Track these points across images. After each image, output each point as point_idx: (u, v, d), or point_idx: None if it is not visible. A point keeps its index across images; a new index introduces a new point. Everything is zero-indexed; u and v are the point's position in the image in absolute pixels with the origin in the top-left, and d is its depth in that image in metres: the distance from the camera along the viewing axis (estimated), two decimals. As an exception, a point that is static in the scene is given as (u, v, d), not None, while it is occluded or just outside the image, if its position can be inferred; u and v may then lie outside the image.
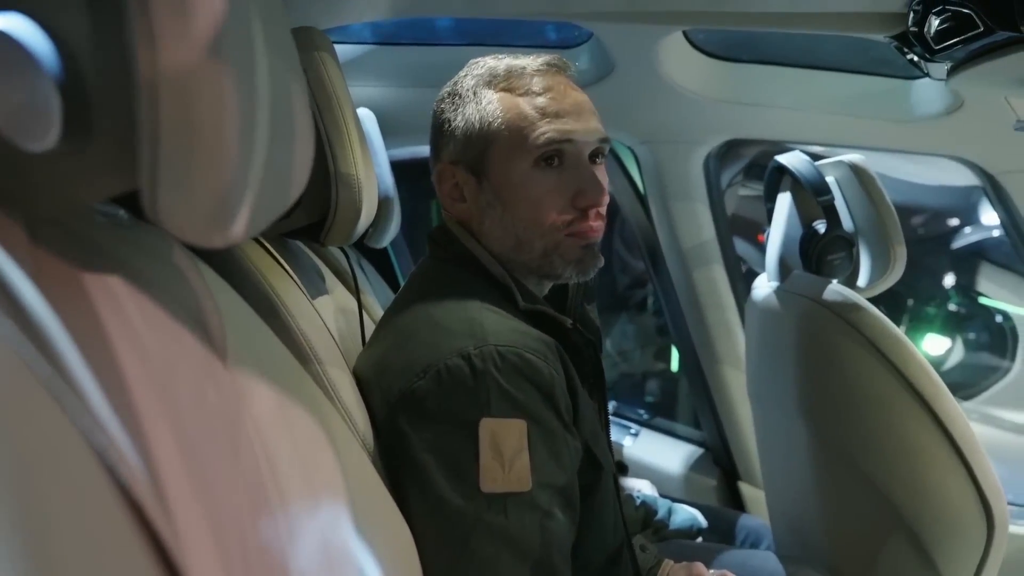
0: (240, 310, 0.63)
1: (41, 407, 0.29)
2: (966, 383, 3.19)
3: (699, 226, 1.88)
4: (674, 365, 3.47)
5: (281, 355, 0.67)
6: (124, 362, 0.42)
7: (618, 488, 0.96)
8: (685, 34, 1.54)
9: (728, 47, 1.65)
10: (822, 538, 1.44)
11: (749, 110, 1.71)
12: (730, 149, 1.92)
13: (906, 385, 1.25)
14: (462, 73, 0.95)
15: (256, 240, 0.92)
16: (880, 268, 1.40)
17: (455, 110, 0.92)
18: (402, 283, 2.30)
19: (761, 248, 3.55)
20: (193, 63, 0.33)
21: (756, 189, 3.65)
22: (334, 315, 1.04)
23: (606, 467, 0.89)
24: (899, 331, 1.29)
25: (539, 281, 0.95)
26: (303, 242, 1.12)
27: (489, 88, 0.90)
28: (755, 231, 3.52)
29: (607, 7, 1.18)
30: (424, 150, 1.00)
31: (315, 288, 1.03)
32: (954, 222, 3.98)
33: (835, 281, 1.38)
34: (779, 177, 1.49)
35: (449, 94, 0.94)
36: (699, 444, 2.17)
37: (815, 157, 1.46)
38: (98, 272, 0.45)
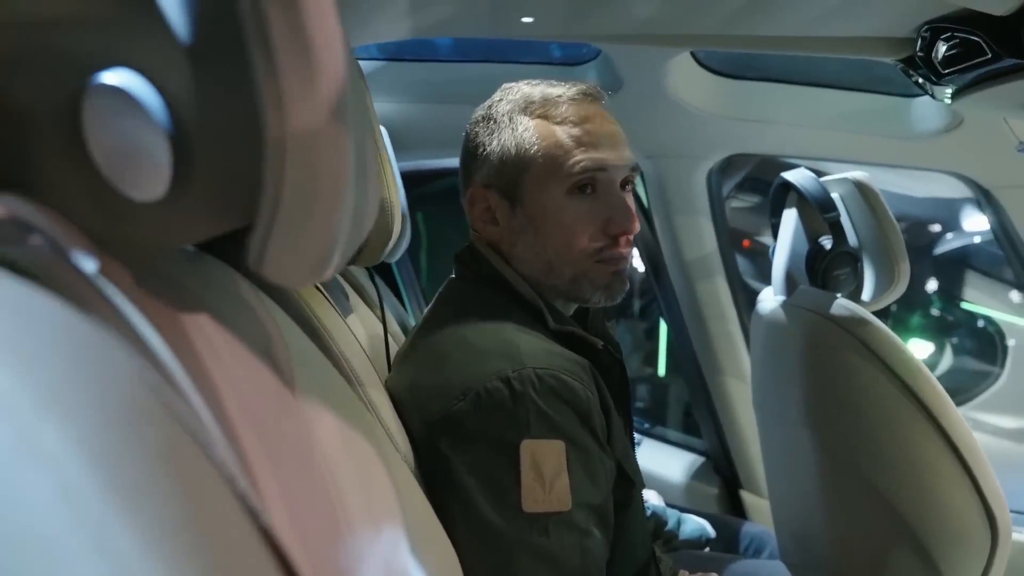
0: (298, 337, 0.65)
1: (190, 450, 0.31)
2: (956, 389, 3.25)
3: (702, 239, 1.91)
4: (661, 370, 3.51)
5: (334, 380, 0.69)
6: (224, 397, 0.43)
7: (642, 503, 0.98)
8: (692, 53, 1.57)
9: (732, 64, 1.69)
10: (828, 546, 1.47)
11: (752, 126, 1.75)
12: (727, 163, 1.96)
13: (912, 398, 1.28)
14: (496, 98, 0.97)
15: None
16: (884, 283, 1.44)
17: (490, 135, 0.94)
18: (405, 294, 2.33)
19: (746, 253, 3.61)
20: (318, 124, 0.35)
21: (746, 201, 3.72)
22: (362, 334, 1.05)
23: (637, 484, 0.91)
24: (905, 345, 1.32)
25: (566, 302, 0.97)
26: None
27: (525, 115, 0.92)
28: (741, 239, 3.60)
29: (625, 30, 1.21)
30: (422, 163, 1.02)
31: (343, 307, 1.04)
32: (936, 228, 4.05)
33: (840, 295, 1.41)
34: (784, 193, 1.53)
35: (483, 118, 0.96)
36: (699, 452, 2.20)
37: (817, 173, 1.50)
38: (187, 310, 0.47)
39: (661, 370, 3.51)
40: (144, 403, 0.30)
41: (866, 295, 1.48)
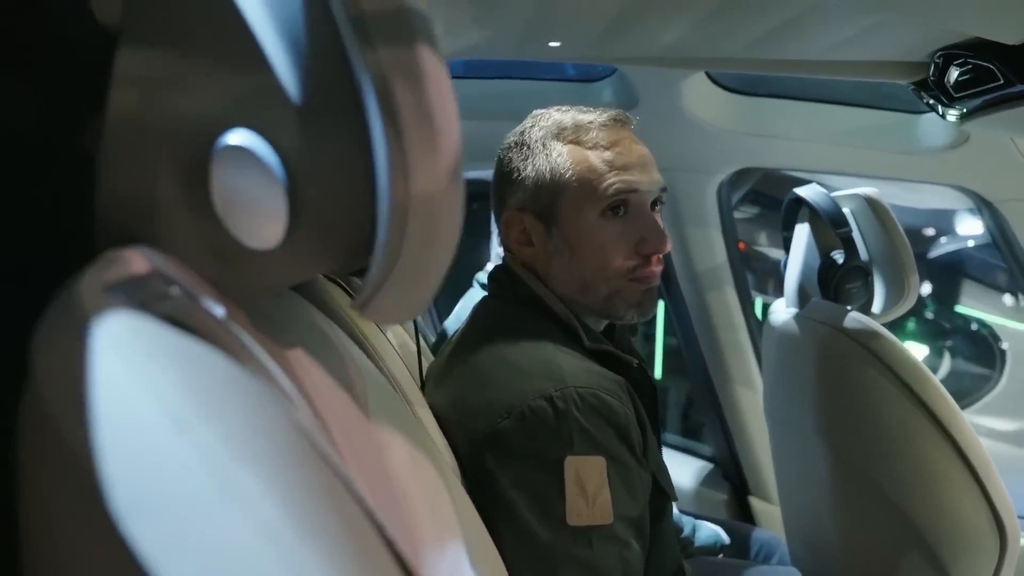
0: (365, 363, 0.68)
1: (341, 490, 0.34)
2: (956, 393, 3.29)
3: (712, 250, 1.95)
4: (658, 373, 3.54)
5: (393, 401, 0.72)
6: (331, 431, 0.47)
7: (672, 514, 1.02)
8: (706, 71, 1.61)
9: (744, 81, 1.73)
10: (839, 553, 1.50)
11: (762, 140, 1.79)
12: (736, 177, 2.01)
13: (923, 408, 1.32)
14: (528, 124, 1.00)
15: (332, 280, 0.97)
16: (894, 296, 1.48)
17: (524, 160, 0.97)
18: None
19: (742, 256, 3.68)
20: (439, 189, 0.38)
21: (745, 212, 3.79)
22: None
23: (670, 496, 0.95)
24: (916, 358, 1.36)
25: (597, 319, 1.00)
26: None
27: (558, 140, 0.96)
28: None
29: (647, 53, 1.24)
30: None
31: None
32: (930, 232, 4.11)
33: (852, 308, 1.45)
34: (796, 208, 1.57)
35: (516, 144, 0.99)
36: (706, 458, 2.25)
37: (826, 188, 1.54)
38: (287, 347, 0.50)
39: (658, 374, 3.55)
40: (301, 446, 0.34)
41: (876, 307, 1.52)
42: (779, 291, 1.64)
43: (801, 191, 1.50)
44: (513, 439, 0.84)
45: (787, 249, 1.61)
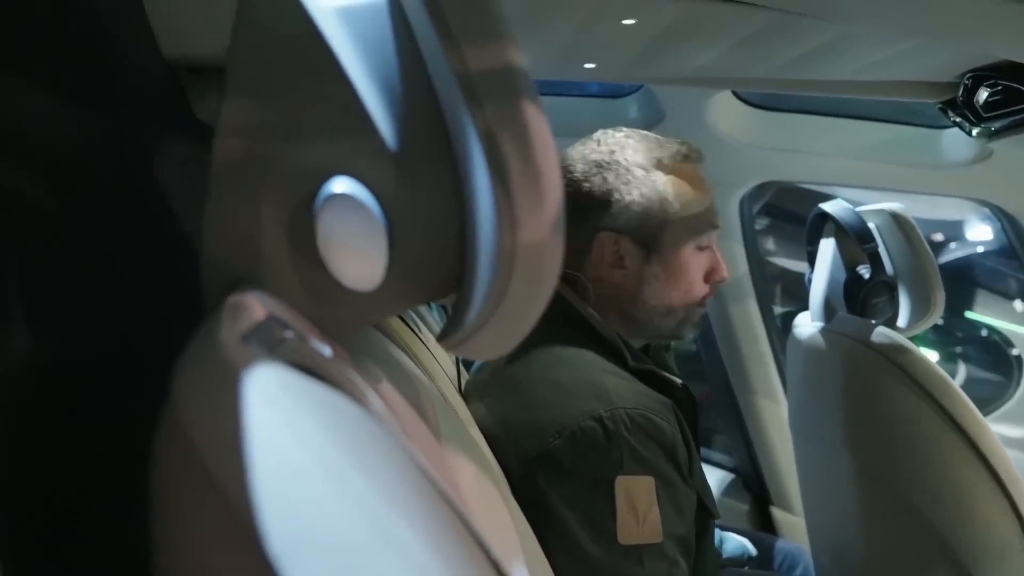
0: (429, 386, 0.70)
1: (461, 530, 0.36)
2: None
3: (735, 262, 1.97)
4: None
5: (453, 422, 0.74)
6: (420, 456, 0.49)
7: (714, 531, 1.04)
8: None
9: (768, 96, 1.75)
10: (866, 566, 1.52)
11: (785, 155, 1.81)
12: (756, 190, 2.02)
13: (951, 422, 1.34)
14: (615, 144, 1.02)
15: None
16: (920, 310, 1.50)
17: (626, 185, 0.99)
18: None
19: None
20: (544, 239, 0.41)
21: (758, 224, 3.82)
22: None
23: (714, 514, 0.97)
24: (943, 372, 1.38)
25: (639, 339, 1.03)
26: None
27: (659, 170, 1.00)
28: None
29: (679, 74, 1.27)
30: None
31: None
32: (939, 237, 4.12)
33: (877, 322, 1.47)
34: (821, 223, 1.59)
35: (606, 165, 1.00)
36: (727, 469, 2.26)
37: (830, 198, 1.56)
38: (375, 380, 0.53)
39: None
40: (429, 487, 0.36)
41: (902, 321, 1.53)
42: (785, 298, 1.66)
43: (827, 207, 1.52)
44: (564, 459, 0.86)
45: (811, 263, 1.63)
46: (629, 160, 1.00)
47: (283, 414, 0.32)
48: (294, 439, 0.32)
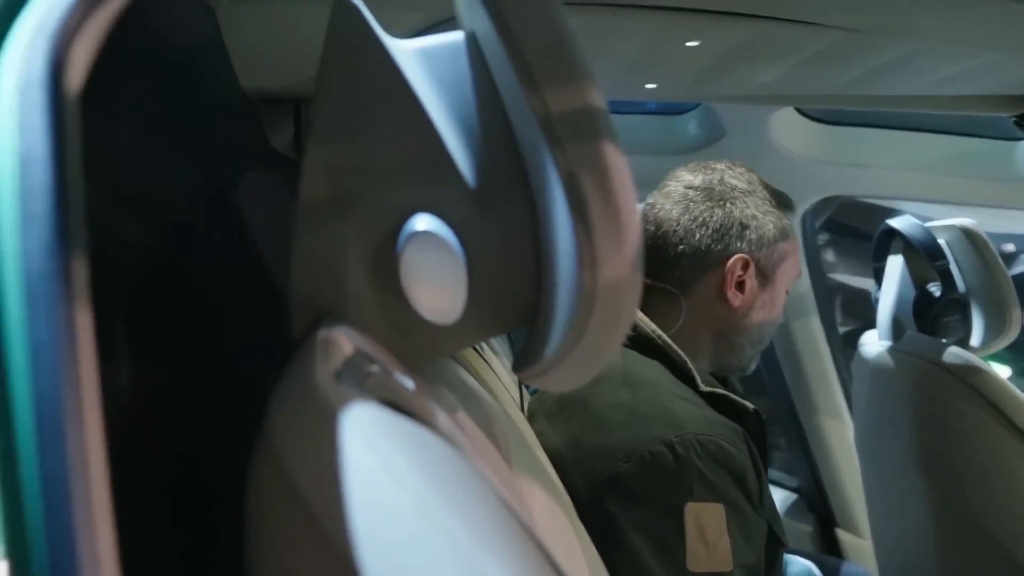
0: (498, 411, 0.71)
1: (544, 565, 0.37)
2: None
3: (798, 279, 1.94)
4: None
5: (523, 447, 0.75)
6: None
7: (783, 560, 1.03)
8: (796, 104, 1.62)
9: (830, 111, 1.72)
10: (939, 592, 1.47)
11: (848, 169, 1.78)
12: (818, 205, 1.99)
13: (1028, 445, 1.29)
14: (747, 177, 1.06)
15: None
16: (995, 329, 1.45)
17: (764, 214, 1.04)
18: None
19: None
20: (623, 276, 0.41)
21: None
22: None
23: (783, 543, 0.95)
24: (1020, 393, 1.33)
25: (709, 364, 1.03)
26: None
27: (775, 207, 1.05)
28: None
29: (742, 92, 1.26)
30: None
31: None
32: (1009, 248, 3.97)
33: (949, 342, 1.43)
34: (889, 240, 1.55)
35: (749, 192, 1.05)
36: (790, 489, 2.21)
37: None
38: (451, 410, 0.54)
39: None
40: (514, 524, 0.37)
41: (975, 341, 1.49)
42: (845, 314, 1.63)
43: (895, 223, 1.49)
44: (634, 483, 0.86)
45: (878, 280, 1.59)
46: (759, 191, 1.06)
47: (377, 453, 0.34)
48: (388, 477, 0.33)
